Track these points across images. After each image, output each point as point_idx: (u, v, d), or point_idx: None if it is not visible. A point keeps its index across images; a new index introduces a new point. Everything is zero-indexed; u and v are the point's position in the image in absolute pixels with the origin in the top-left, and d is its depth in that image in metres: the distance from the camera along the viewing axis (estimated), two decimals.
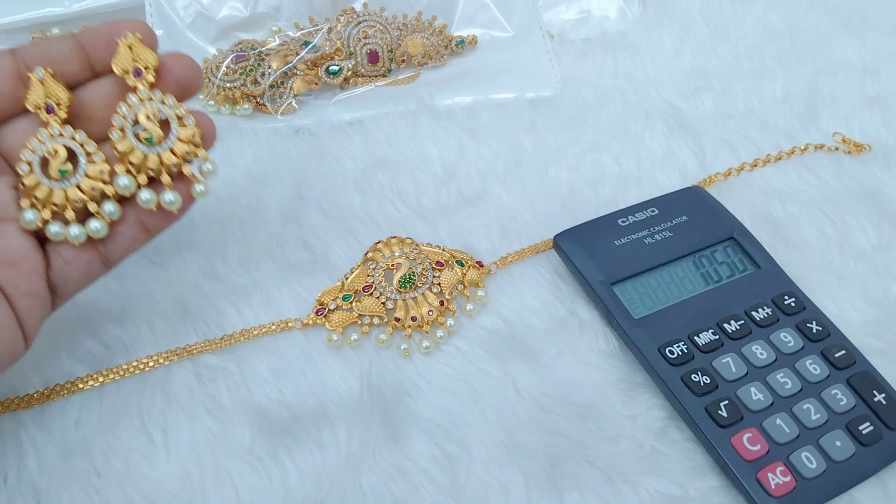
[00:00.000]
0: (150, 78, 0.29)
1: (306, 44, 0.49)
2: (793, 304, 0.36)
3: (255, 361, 0.35)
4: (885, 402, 0.32)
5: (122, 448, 0.32)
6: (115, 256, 0.31)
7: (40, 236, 0.30)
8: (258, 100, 0.48)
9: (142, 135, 0.29)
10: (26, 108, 0.29)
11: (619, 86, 0.51)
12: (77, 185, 0.29)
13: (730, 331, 0.34)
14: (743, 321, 0.35)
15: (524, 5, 0.53)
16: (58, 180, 0.29)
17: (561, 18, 0.56)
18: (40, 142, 0.29)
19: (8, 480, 0.30)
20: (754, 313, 0.35)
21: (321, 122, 0.48)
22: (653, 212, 0.39)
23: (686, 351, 0.34)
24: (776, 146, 0.47)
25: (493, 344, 0.36)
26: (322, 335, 0.36)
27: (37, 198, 0.29)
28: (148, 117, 0.29)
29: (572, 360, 0.35)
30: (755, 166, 0.45)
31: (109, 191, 0.29)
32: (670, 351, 0.33)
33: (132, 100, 0.29)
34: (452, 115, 0.48)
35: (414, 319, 0.36)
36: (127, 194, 0.29)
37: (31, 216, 0.29)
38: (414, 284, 0.37)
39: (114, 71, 0.29)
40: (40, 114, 0.28)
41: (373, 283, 0.37)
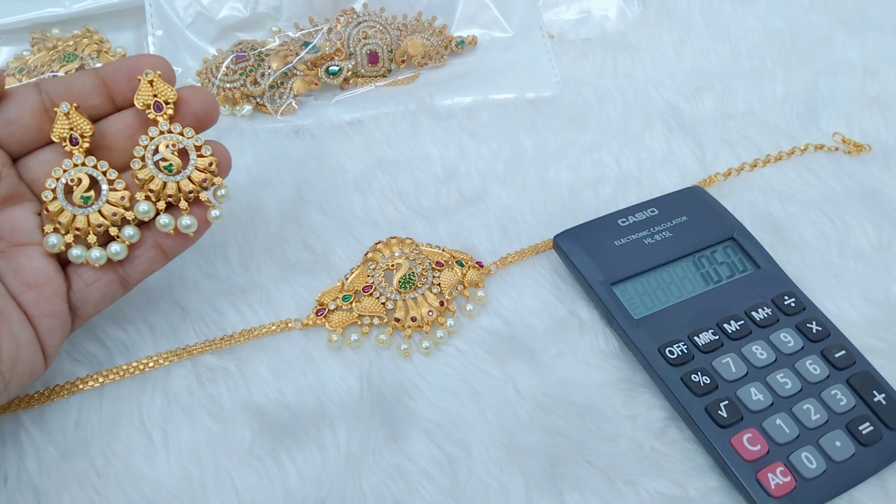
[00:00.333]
0: (170, 111, 0.31)
1: (306, 44, 0.49)
2: (793, 305, 0.36)
3: (255, 362, 0.35)
4: (884, 403, 0.32)
5: (122, 448, 0.32)
6: (133, 278, 0.32)
7: (62, 259, 0.31)
8: (258, 100, 0.48)
9: (161, 164, 0.31)
10: (50, 139, 0.30)
11: (619, 86, 0.51)
12: (99, 211, 0.30)
13: (730, 331, 0.34)
14: (743, 321, 0.35)
15: (524, 5, 0.53)
16: (80, 206, 0.30)
17: (561, 18, 0.56)
18: (64, 171, 0.30)
19: (8, 481, 0.30)
20: (754, 313, 0.35)
21: (321, 123, 0.48)
22: (653, 212, 0.39)
23: (686, 351, 0.34)
24: (776, 146, 0.47)
25: (493, 344, 0.36)
26: (322, 335, 0.36)
27: (60, 223, 0.30)
28: (168, 148, 0.30)
29: (572, 361, 0.35)
30: (755, 166, 0.45)
31: (129, 216, 0.31)
32: (670, 351, 0.33)
33: (152, 132, 0.31)
34: (452, 116, 0.48)
35: (414, 320, 0.36)
36: (146, 219, 0.31)
37: (54, 240, 0.30)
38: (414, 285, 0.37)
39: (134, 104, 0.31)
40: (65, 145, 0.30)
41: (373, 283, 0.37)
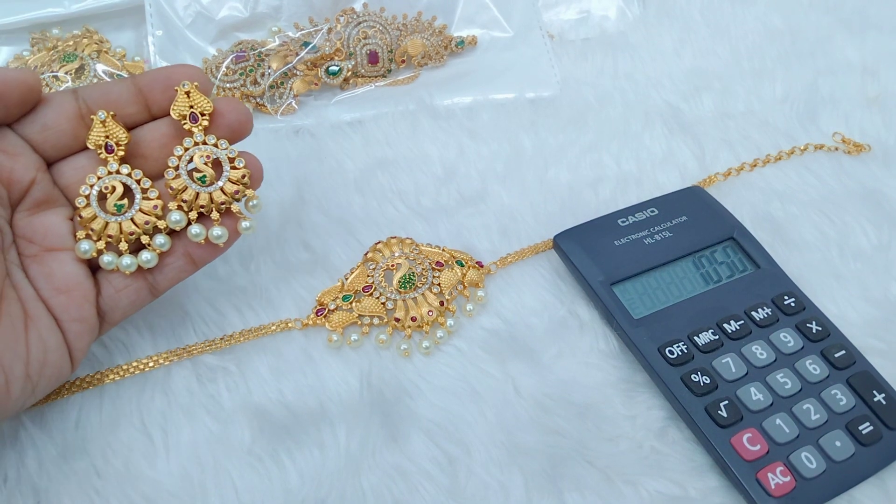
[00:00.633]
0: (205, 123, 0.31)
1: (306, 44, 0.49)
2: (792, 305, 0.36)
3: (255, 362, 0.35)
4: (884, 402, 0.32)
5: (122, 448, 0.32)
6: (162, 286, 0.32)
7: (92, 265, 0.31)
8: (258, 100, 0.48)
9: (195, 175, 0.31)
10: (85, 146, 0.31)
11: (619, 86, 0.51)
12: (132, 219, 0.31)
13: (730, 331, 0.34)
14: (743, 321, 0.35)
15: (524, 5, 0.53)
16: (114, 214, 0.30)
17: (561, 18, 0.56)
18: (98, 178, 0.30)
19: (8, 480, 0.30)
20: (754, 313, 0.35)
21: (321, 123, 0.48)
22: (653, 212, 0.39)
23: (686, 351, 0.34)
24: (776, 146, 0.47)
25: (493, 344, 0.36)
26: (322, 335, 0.36)
27: (92, 229, 0.30)
28: (203, 159, 0.31)
29: (572, 361, 0.35)
30: (755, 166, 0.45)
31: (161, 225, 0.31)
32: (670, 351, 0.34)
33: (187, 142, 0.31)
34: (452, 116, 0.48)
35: (414, 320, 0.36)
36: (177, 228, 0.31)
37: (86, 246, 0.30)
38: (414, 285, 0.37)
39: (170, 114, 0.31)
40: (100, 152, 0.30)
41: (373, 283, 0.37)
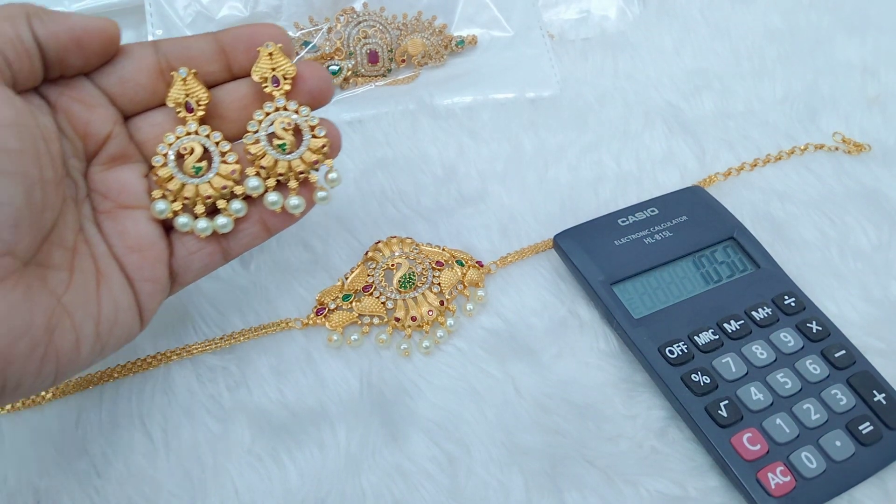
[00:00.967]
0: (287, 87, 0.30)
1: (306, 44, 0.49)
2: (793, 304, 0.36)
3: (256, 361, 0.35)
4: (884, 402, 0.32)
5: (122, 448, 0.32)
6: (234, 251, 0.32)
7: (165, 225, 0.31)
8: None
9: (275, 142, 0.30)
10: (162, 102, 0.30)
11: (619, 86, 0.51)
12: (209, 182, 0.30)
13: (730, 331, 0.34)
14: (743, 321, 0.35)
15: (524, 5, 0.53)
16: (191, 176, 0.30)
17: (561, 18, 0.56)
18: (177, 137, 0.30)
19: (8, 480, 0.30)
20: (754, 313, 0.35)
21: None
22: (653, 212, 0.39)
23: (686, 351, 0.34)
24: (776, 146, 0.47)
25: (493, 344, 0.36)
26: (322, 335, 0.36)
27: (169, 190, 0.30)
28: (283, 126, 0.30)
29: (572, 360, 0.35)
30: (755, 166, 0.45)
31: (238, 190, 0.30)
32: (670, 351, 0.33)
33: (268, 107, 0.30)
34: (452, 115, 0.48)
35: (414, 319, 0.36)
36: (254, 195, 0.31)
37: (162, 206, 0.30)
38: (414, 284, 0.37)
39: (251, 76, 0.30)
40: (179, 111, 0.30)
41: (373, 282, 0.37)
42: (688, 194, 0.41)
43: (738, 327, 0.34)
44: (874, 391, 0.32)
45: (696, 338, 0.34)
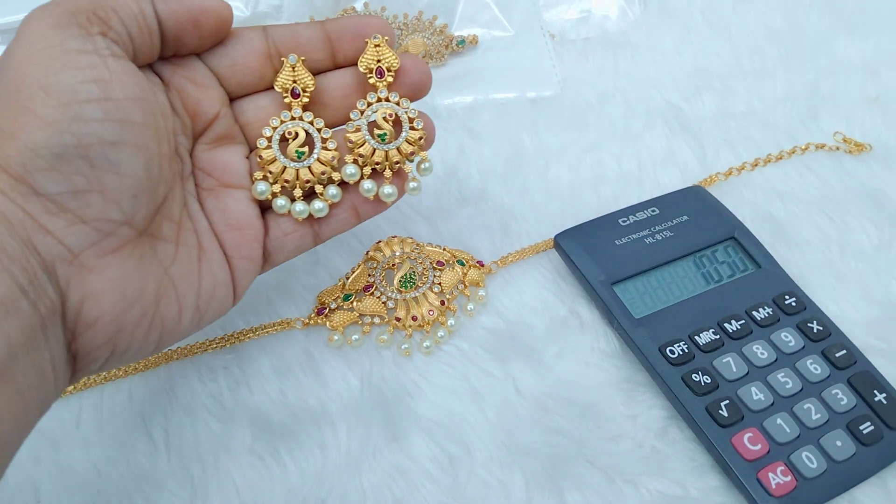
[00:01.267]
0: (390, 79, 0.31)
1: None
2: (793, 304, 0.36)
3: (257, 361, 0.35)
4: (885, 402, 0.32)
5: (122, 448, 0.32)
6: (325, 235, 0.33)
7: (262, 205, 0.32)
8: None
9: (376, 132, 0.31)
10: (267, 86, 0.31)
11: (620, 85, 0.51)
12: (309, 167, 0.31)
13: (730, 330, 0.34)
14: (743, 321, 0.35)
15: (525, 5, 0.53)
16: (293, 160, 0.31)
17: (561, 18, 0.56)
18: (282, 121, 0.31)
19: (8, 480, 0.30)
20: (755, 313, 0.35)
21: None
22: (653, 211, 0.39)
23: (687, 351, 0.34)
24: (777, 146, 0.47)
25: (494, 344, 0.36)
26: (323, 335, 0.36)
27: (271, 172, 0.31)
28: (385, 117, 0.31)
29: (573, 360, 0.35)
30: (756, 166, 0.45)
31: (336, 176, 0.31)
32: (671, 351, 0.33)
33: (371, 97, 0.31)
34: (453, 115, 0.48)
35: (415, 319, 0.36)
36: (350, 181, 0.31)
37: (263, 188, 0.31)
38: (415, 284, 0.37)
39: (356, 66, 0.31)
40: (286, 96, 0.31)
41: (373, 282, 0.37)
42: (688, 194, 0.41)
43: (738, 327, 0.34)
44: (875, 391, 0.32)
45: (696, 338, 0.34)
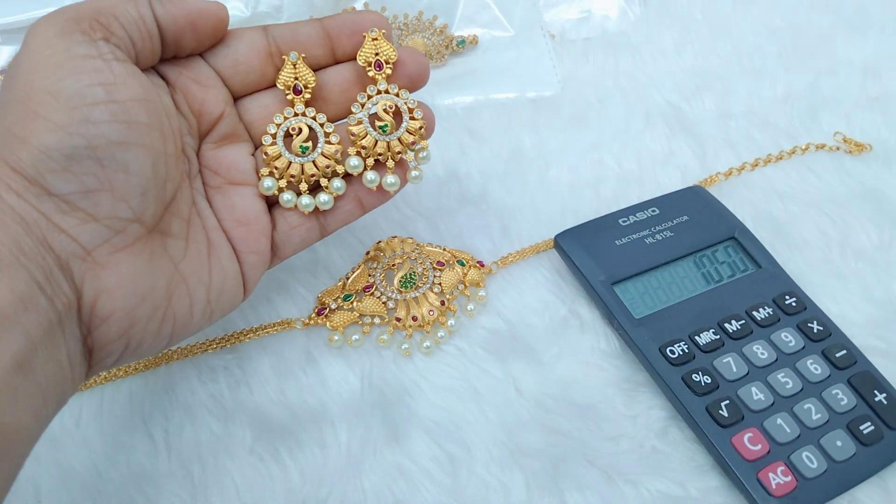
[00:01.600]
0: (389, 71, 0.32)
1: None
2: (794, 304, 0.36)
3: (257, 361, 0.35)
4: (885, 402, 0.32)
5: (122, 448, 0.32)
6: (331, 227, 0.34)
7: (269, 201, 0.32)
8: None
9: (377, 123, 0.32)
10: (269, 84, 0.32)
11: (620, 85, 0.51)
12: (313, 161, 0.32)
13: (731, 330, 0.34)
14: (744, 321, 0.35)
15: (525, 5, 0.53)
16: (298, 155, 0.31)
17: (562, 18, 0.56)
18: (286, 118, 0.31)
19: None
20: (755, 313, 0.35)
21: None
22: (654, 211, 0.39)
23: (687, 351, 0.34)
24: (777, 146, 0.47)
25: (494, 344, 0.36)
26: (323, 335, 0.36)
27: (276, 167, 0.31)
28: (385, 108, 0.31)
29: (573, 360, 0.35)
30: (756, 166, 0.45)
31: (340, 169, 0.32)
32: (671, 351, 0.33)
33: (371, 90, 0.32)
34: (453, 115, 0.48)
35: (415, 319, 0.36)
36: (354, 173, 0.32)
37: (269, 183, 0.31)
38: (415, 284, 0.37)
39: (355, 60, 0.31)
40: (288, 93, 0.31)
41: (374, 282, 0.37)
42: (689, 194, 0.41)
43: (738, 327, 0.34)
44: (875, 391, 0.32)
45: (696, 338, 0.34)
